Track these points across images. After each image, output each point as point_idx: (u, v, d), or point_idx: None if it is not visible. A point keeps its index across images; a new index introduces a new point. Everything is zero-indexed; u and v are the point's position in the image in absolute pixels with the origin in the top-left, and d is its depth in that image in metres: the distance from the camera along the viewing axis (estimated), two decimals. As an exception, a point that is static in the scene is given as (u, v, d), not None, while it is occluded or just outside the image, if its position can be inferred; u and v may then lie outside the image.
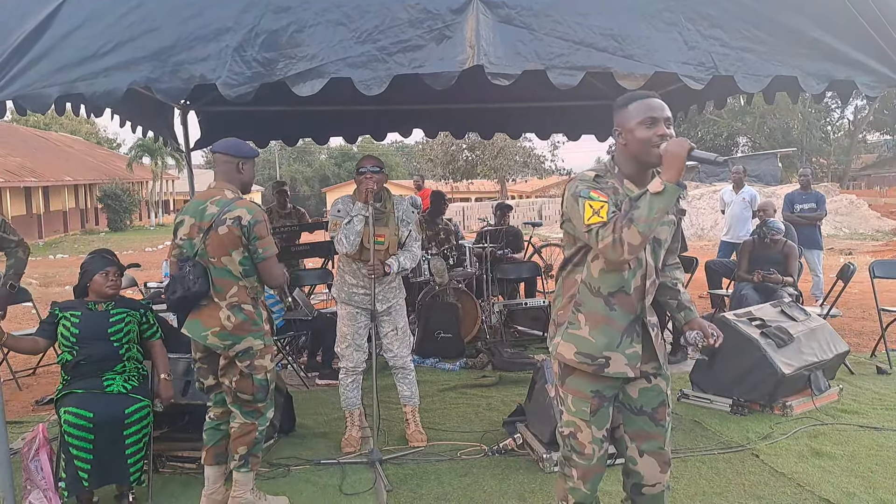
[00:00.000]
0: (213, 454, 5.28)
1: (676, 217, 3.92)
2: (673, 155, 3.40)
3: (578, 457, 3.85)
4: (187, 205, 5.22)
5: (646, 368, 3.85)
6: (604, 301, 3.75)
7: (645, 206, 3.38)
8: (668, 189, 3.37)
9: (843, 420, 6.92)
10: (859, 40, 5.31)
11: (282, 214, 12.40)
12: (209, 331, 5.02)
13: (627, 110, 3.68)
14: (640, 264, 3.73)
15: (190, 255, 5.05)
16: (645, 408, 3.89)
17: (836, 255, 21.66)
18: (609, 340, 3.74)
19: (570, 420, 3.87)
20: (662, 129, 3.59)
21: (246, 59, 4.66)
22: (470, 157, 49.95)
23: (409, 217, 6.50)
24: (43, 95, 4.61)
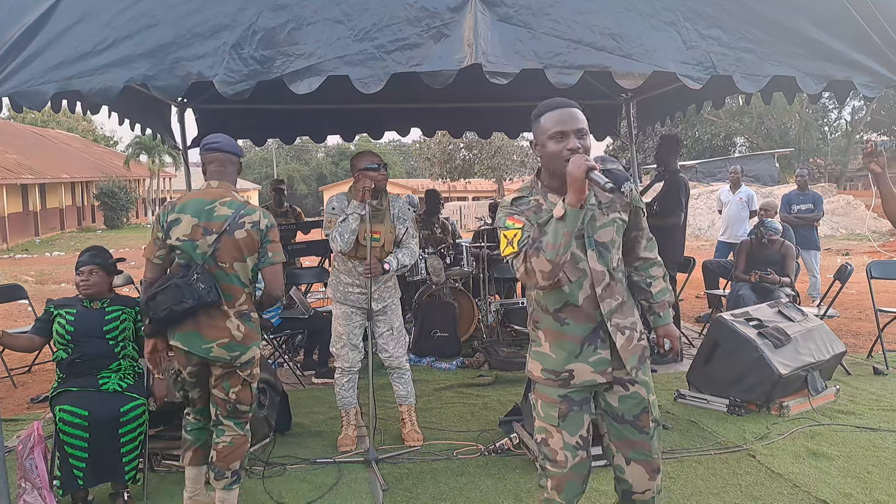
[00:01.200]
0: (200, 455, 5.16)
1: (623, 213, 3.80)
2: (571, 176, 3.33)
3: (551, 465, 3.77)
4: (183, 202, 4.89)
5: (619, 374, 3.76)
6: (552, 317, 3.73)
7: (551, 233, 3.37)
8: (569, 214, 3.34)
9: (840, 421, 6.92)
10: (858, 41, 5.31)
11: (278, 213, 12.46)
12: (214, 343, 4.79)
13: (539, 123, 3.67)
14: (584, 275, 3.66)
15: (192, 259, 4.77)
16: (626, 416, 3.81)
17: (834, 256, 21.67)
18: (568, 353, 3.70)
19: (541, 426, 3.81)
20: (572, 143, 3.53)
21: (243, 57, 4.64)
22: (467, 156, 50.02)
23: (406, 214, 6.49)
24: (39, 92, 4.59)
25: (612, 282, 3.73)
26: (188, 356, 4.86)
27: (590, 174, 3.29)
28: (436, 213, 12.29)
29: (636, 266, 4.02)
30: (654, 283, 4.03)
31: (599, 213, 3.72)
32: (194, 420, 5.16)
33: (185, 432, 5.17)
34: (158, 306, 4.67)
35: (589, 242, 3.67)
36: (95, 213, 52.03)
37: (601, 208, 3.73)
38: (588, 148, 3.56)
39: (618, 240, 3.79)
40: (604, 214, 3.73)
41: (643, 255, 4.01)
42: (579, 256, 3.65)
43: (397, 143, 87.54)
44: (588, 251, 3.66)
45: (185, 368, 4.95)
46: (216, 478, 4.98)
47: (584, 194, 3.34)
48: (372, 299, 6.27)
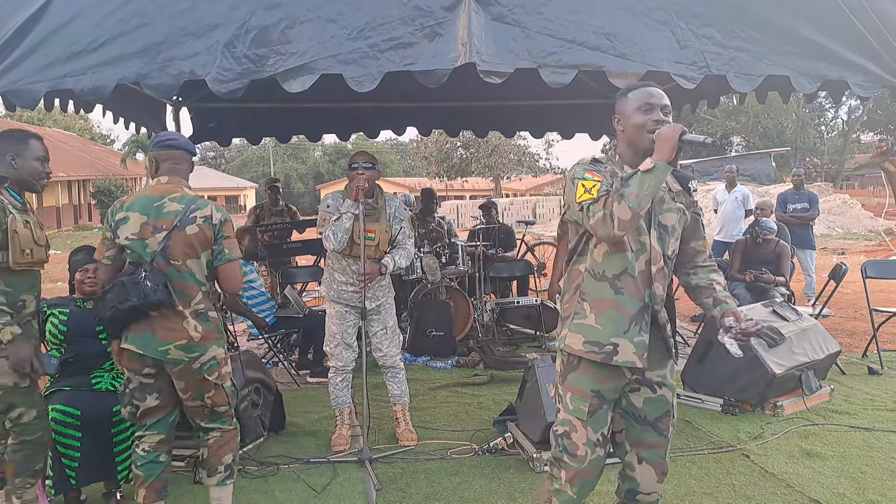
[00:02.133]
0: (153, 490, 4.72)
1: (687, 209, 3.87)
2: (664, 138, 3.48)
3: (570, 458, 3.77)
4: (131, 200, 4.62)
5: (651, 376, 3.80)
6: (609, 284, 3.70)
7: (635, 183, 3.44)
8: (658, 167, 3.44)
9: (834, 420, 6.92)
10: (852, 40, 5.31)
11: (273, 212, 12.44)
12: (171, 344, 4.54)
13: (627, 98, 3.76)
14: (643, 248, 3.69)
15: (141, 258, 4.54)
16: (649, 417, 3.84)
17: (829, 255, 21.66)
18: (616, 326, 3.68)
19: (566, 419, 3.81)
20: (658, 115, 3.65)
21: (236, 56, 4.65)
22: (464, 155, 50.04)
23: (402, 214, 6.48)
24: (32, 91, 4.60)
25: (666, 269, 3.76)
26: (142, 360, 4.58)
27: (684, 136, 3.48)
28: (431, 212, 12.27)
29: (696, 271, 4.00)
30: (716, 286, 3.94)
31: (668, 197, 3.78)
32: (145, 452, 4.71)
33: (136, 468, 4.72)
34: (105, 305, 4.51)
35: (654, 220, 3.71)
36: (92, 211, 51.92)
37: (670, 194, 3.80)
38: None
39: (678, 230, 3.83)
40: (672, 200, 3.79)
41: (703, 264, 4.01)
42: (642, 229, 3.70)
43: (394, 141, 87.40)
44: (651, 228, 3.70)
45: (137, 374, 4.63)
46: (209, 474, 4.84)
47: (673, 155, 3.49)
48: (366, 298, 6.27)
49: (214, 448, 4.83)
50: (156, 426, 4.72)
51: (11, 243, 4.47)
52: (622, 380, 3.78)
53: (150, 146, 4.74)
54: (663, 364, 3.85)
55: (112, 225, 4.59)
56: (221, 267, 4.73)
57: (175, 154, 4.72)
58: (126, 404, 4.70)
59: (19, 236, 4.49)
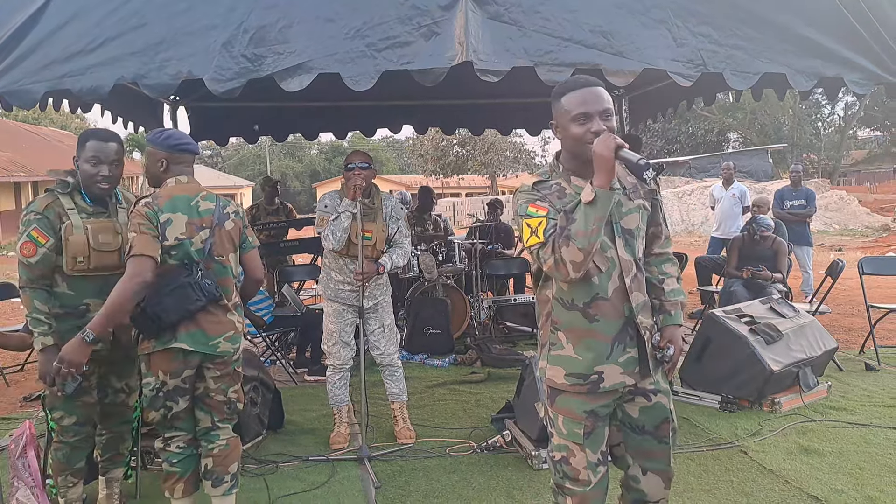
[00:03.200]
0: (191, 483, 4.76)
1: (647, 200, 3.60)
2: (599, 157, 3.16)
3: (572, 483, 3.52)
4: (164, 202, 4.56)
5: (643, 385, 3.54)
6: (581, 313, 3.44)
7: (580, 219, 3.17)
8: (600, 197, 3.14)
9: (832, 417, 6.93)
10: (848, 38, 5.32)
11: (269, 211, 12.44)
12: (220, 338, 4.62)
13: (560, 104, 3.43)
14: (612, 264, 3.42)
15: (191, 257, 4.55)
16: (647, 427, 3.59)
17: (826, 252, 21.71)
18: (597, 355, 3.44)
19: (562, 444, 3.54)
20: (596, 125, 3.31)
21: (233, 55, 4.65)
22: (461, 153, 50.09)
23: (398, 213, 6.49)
24: (30, 91, 4.60)
25: (639, 273, 3.53)
26: (186, 360, 4.56)
27: (619, 152, 3.14)
28: (428, 210, 12.29)
29: (649, 261, 3.73)
30: (667, 281, 3.76)
31: (625, 198, 3.49)
32: (179, 448, 4.72)
33: (170, 465, 4.71)
34: (169, 310, 4.45)
35: (616, 229, 3.44)
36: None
37: (626, 193, 3.51)
38: (613, 129, 3.34)
39: (643, 228, 3.57)
40: (629, 200, 3.51)
41: (658, 250, 3.77)
42: (607, 244, 3.41)
43: (390, 139, 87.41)
44: (616, 239, 3.43)
45: (176, 376, 4.57)
46: (214, 485, 4.77)
47: (614, 175, 3.17)
48: (363, 297, 6.27)
49: (221, 457, 4.78)
50: (184, 426, 4.72)
51: (64, 250, 4.50)
52: (615, 395, 3.53)
53: (158, 144, 4.64)
54: (654, 370, 3.58)
55: (158, 227, 4.49)
56: (249, 255, 4.91)
57: (190, 158, 4.75)
58: (157, 408, 4.60)
59: (70, 244, 4.50)
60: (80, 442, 4.87)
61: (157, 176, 4.70)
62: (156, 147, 4.65)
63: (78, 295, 4.62)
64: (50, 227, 4.49)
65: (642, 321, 3.50)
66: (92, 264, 4.59)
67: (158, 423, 4.66)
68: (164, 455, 4.72)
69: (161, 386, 4.55)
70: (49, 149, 51.23)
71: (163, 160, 4.64)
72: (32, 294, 4.49)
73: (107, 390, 4.96)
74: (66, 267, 4.51)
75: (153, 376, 4.55)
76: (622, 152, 3.14)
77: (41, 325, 4.46)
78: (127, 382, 5.08)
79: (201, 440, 4.81)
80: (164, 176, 4.67)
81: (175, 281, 4.48)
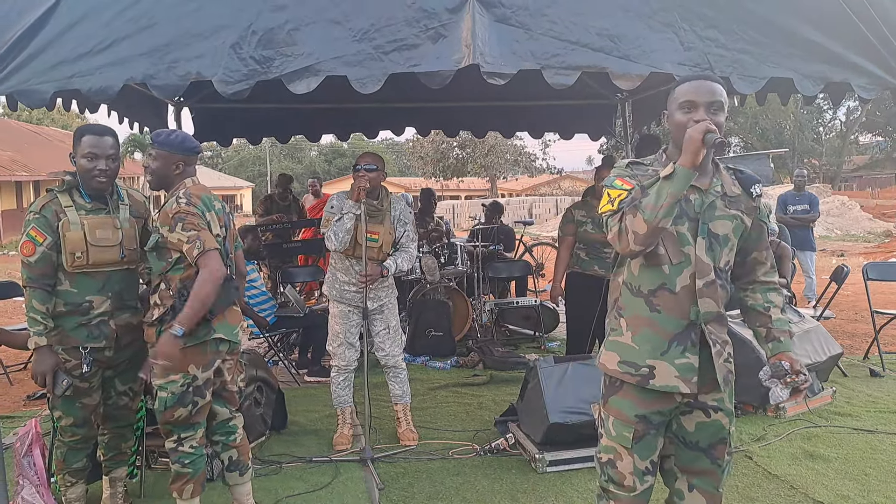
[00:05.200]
0: (200, 483, 4.78)
1: (747, 215, 3.48)
2: (689, 139, 3.14)
3: (616, 488, 3.48)
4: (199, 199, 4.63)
5: (705, 399, 3.45)
6: (644, 301, 3.42)
7: (653, 193, 3.15)
8: (678, 172, 3.13)
9: (837, 422, 6.93)
10: (855, 42, 5.31)
11: (280, 207, 12.53)
12: (237, 326, 4.80)
13: (674, 94, 3.41)
14: (686, 260, 3.34)
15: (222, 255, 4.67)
16: (701, 443, 3.50)
17: (829, 257, 21.71)
18: (653, 347, 3.39)
19: (610, 445, 3.51)
20: (700, 115, 3.27)
21: (242, 57, 4.64)
22: (461, 155, 50.07)
23: (407, 217, 6.49)
24: (39, 91, 4.59)
25: (717, 282, 3.39)
26: (218, 351, 4.70)
27: (707, 135, 3.12)
28: (430, 212, 12.30)
29: (753, 288, 3.66)
30: (773, 310, 3.62)
31: (721, 203, 3.41)
32: (193, 448, 4.71)
33: (182, 466, 4.68)
34: (219, 304, 4.58)
35: (702, 229, 3.36)
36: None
37: (724, 200, 3.42)
38: (721, 125, 3.29)
39: (733, 240, 3.45)
40: (725, 207, 3.42)
41: (763, 278, 3.66)
42: (686, 239, 3.34)
43: (391, 141, 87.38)
44: (698, 238, 3.35)
45: (209, 369, 4.66)
46: (241, 473, 4.96)
47: (699, 158, 3.13)
48: (368, 298, 6.28)
49: (243, 445, 4.98)
50: (202, 423, 4.76)
51: (63, 246, 4.53)
52: (670, 403, 3.44)
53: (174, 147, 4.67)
54: (717, 384, 3.45)
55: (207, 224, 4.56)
56: (238, 253, 5.07)
57: (197, 158, 4.85)
58: (186, 404, 4.60)
59: (67, 240, 4.53)
60: (78, 443, 4.89)
61: (169, 178, 4.73)
62: (171, 150, 4.67)
63: (81, 292, 4.64)
64: (47, 225, 4.52)
65: (711, 331, 3.41)
66: (90, 260, 4.61)
67: (181, 422, 4.65)
68: (175, 455, 4.70)
69: (192, 381, 4.58)
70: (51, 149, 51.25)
71: (179, 163, 4.69)
72: (32, 293, 4.52)
73: (110, 392, 4.99)
74: (66, 264, 4.54)
75: (179, 373, 4.55)
76: (709, 136, 3.12)
77: (37, 325, 4.49)
78: (131, 386, 5.10)
79: (219, 434, 4.91)
80: (176, 178, 4.72)
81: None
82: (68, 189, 4.67)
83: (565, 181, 62.63)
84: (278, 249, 11.78)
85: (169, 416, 4.61)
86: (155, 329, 4.61)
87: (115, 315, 4.78)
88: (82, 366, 4.67)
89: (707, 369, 3.41)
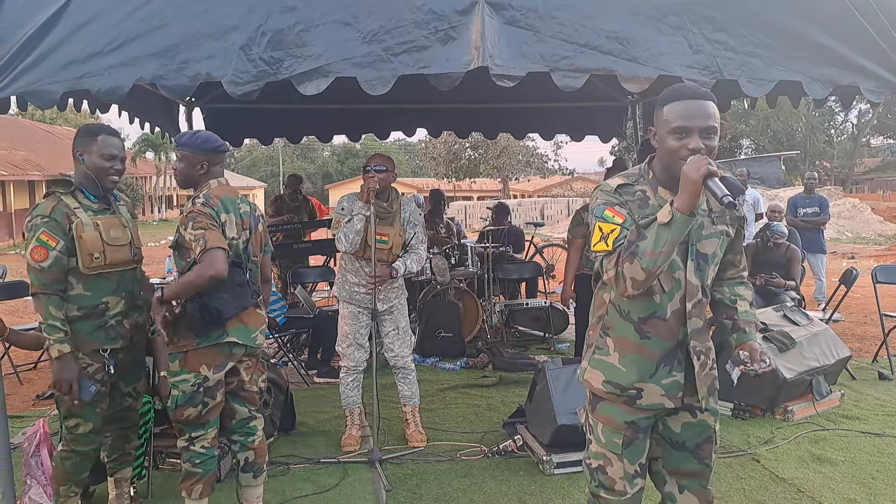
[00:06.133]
0: (209, 484, 4.80)
1: (731, 227, 3.43)
2: (686, 179, 2.94)
3: (607, 493, 3.47)
4: (217, 203, 4.63)
5: (690, 401, 3.41)
6: (634, 327, 3.36)
7: (651, 238, 3.01)
8: (676, 220, 2.96)
9: (845, 426, 6.92)
10: (864, 45, 5.30)
11: (291, 208, 12.54)
12: (257, 331, 4.81)
13: (662, 113, 3.22)
14: (677, 285, 3.29)
15: (240, 258, 4.72)
16: (688, 444, 3.49)
17: (839, 259, 21.66)
18: (641, 371, 3.36)
19: (599, 452, 3.50)
20: (695, 143, 3.10)
21: (252, 58, 4.65)
22: (473, 156, 50.10)
23: (417, 219, 6.50)
24: (49, 91, 4.60)
25: (703, 299, 3.38)
26: (231, 354, 4.70)
27: (707, 181, 2.91)
28: (439, 213, 12.30)
29: (720, 283, 3.60)
30: (740, 302, 3.60)
31: (708, 221, 3.32)
32: (204, 448, 4.73)
33: (192, 466, 4.71)
34: (230, 306, 4.59)
35: (691, 251, 3.28)
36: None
37: (710, 216, 3.34)
38: (713, 149, 3.14)
39: (719, 255, 3.40)
40: (712, 224, 3.34)
41: (732, 276, 3.64)
42: (677, 265, 3.27)
43: (403, 142, 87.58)
44: (688, 261, 3.28)
45: (220, 370, 4.67)
46: (255, 475, 4.97)
47: (697, 200, 2.97)
48: (378, 300, 6.29)
49: (260, 449, 4.99)
50: (213, 423, 4.76)
51: (78, 249, 4.47)
52: (659, 409, 3.44)
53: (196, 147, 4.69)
54: (709, 392, 3.45)
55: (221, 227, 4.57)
56: (265, 257, 5.08)
57: (224, 157, 4.88)
58: (196, 404, 4.63)
59: (84, 241, 4.48)
60: (93, 451, 4.86)
61: (194, 178, 4.76)
62: (194, 151, 4.70)
63: (95, 294, 4.60)
64: (59, 228, 4.44)
65: (695, 346, 3.38)
66: (108, 260, 4.59)
67: (191, 421, 4.67)
68: (186, 455, 4.73)
69: (203, 381, 4.60)
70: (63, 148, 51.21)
71: (203, 163, 4.71)
72: (47, 300, 4.42)
73: (115, 394, 4.95)
74: (82, 266, 4.49)
75: (191, 373, 4.58)
76: (711, 181, 2.92)
77: (57, 332, 4.40)
78: (135, 387, 5.10)
79: (238, 434, 4.93)
80: (202, 178, 4.75)
81: (234, 279, 4.60)
82: (73, 190, 4.64)
83: (577, 182, 62.56)
84: (289, 250, 11.79)
85: (179, 414, 4.64)
86: (171, 328, 4.63)
87: (128, 315, 4.79)
88: (106, 368, 4.67)
89: (691, 380, 3.40)
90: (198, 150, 4.70)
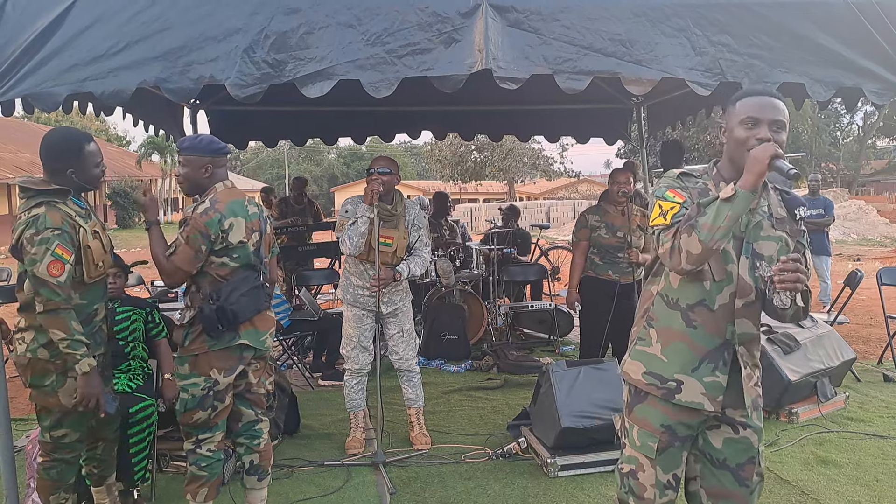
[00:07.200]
0: (215, 487, 4.83)
1: (791, 238, 3.37)
2: (753, 159, 3.01)
3: (636, 500, 3.41)
4: (225, 206, 4.68)
5: (733, 415, 3.34)
6: (681, 315, 3.34)
7: (711, 213, 3.02)
8: (739, 195, 2.99)
9: (849, 428, 6.91)
10: (867, 48, 5.29)
11: (296, 210, 12.58)
12: (266, 333, 4.85)
13: (734, 108, 3.30)
14: (728, 278, 3.26)
15: (250, 260, 4.75)
16: (729, 462, 3.36)
17: (845, 262, 21.60)
18: (684, 362, 3.33)
19: (632, 455, 3.45)
20: (763, 133, 3.16)
21: (255, 60, 4.65)
22: (478, 159, 50.04)
23: (421, 222, 6.50)
24: (52, 94, 4.60)
25: (756, 303, 3.31)
26: (242, 356, 4.73)
27: (774, 160, 2.98)
28: (444, 216, 12.30)
29: None
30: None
31: (768, 223, 3.32)
32: (210, 451, 4.75)
33: (198, 469, 4.73)
34: (246, 310, 4.63)
35: (746, 249, 3.27)
36: (108, 212, 52.02)
37: (770, 220, 3.34)
38: (781, 143, 3.18)
39: (775, 260, 3.26)
40: (772, 227, 3.33)
41: None
42: (730, 257, 3.27)
43: (408, 144, 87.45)
44: (741, 257, 3.27)
45: (231, 373, 4.69)
46: (260, 479, 4.97)
47: (761, 181, 3.02)
48: (382, 302, 6.29)
49: (266, 450, 4.99)
50: (221, 426, 4.78)
51: (85, 258, 4.40)
52: (697, 416, 3.36)
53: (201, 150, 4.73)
54: (754, 408, 3.36)
55: (221, 233, 4.60)
56: (273, 258, 5.15)
57: (226, 159, 4.91)
58: (206, 407, 4.65)
59: (92, 250, 4.43)
60: (77, 457, 4.79)
61: (200, 182, 4.79)
62: (199, 154, 4.74)
63: (90, 302, 4.54)
64: (70, 240, 4.32)
65: (743, 353, 3.32)
66: (105, 267, 4.61)
67: (200, 425, 4.68)
68: (192, 458, 4.74)
69: (213, 385, 4.63)
70: (69, 151, 51.34)
71: (208, 165, 4.75)
72: (67, 315, 4.25)
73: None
74: (86, 275, 4.40)
75: (201, 376, 4.60)
76: (777, 161, 2.99)
77: (81, 347, 4.27)
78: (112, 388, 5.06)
79: (244, 436, 4.93)
80: (207, 182, 4.78)
81: (249, 283, 4.68)
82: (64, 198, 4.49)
83: (583, 185, 62.57)
84: (293, 252, 11.81)
85: (188, 418, 4.66)
86: (183, 331, 4.68)
87: (105, 319, 4.75)
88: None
89: (734, 389, 3.32)
90: (202, 153, 4.73)
